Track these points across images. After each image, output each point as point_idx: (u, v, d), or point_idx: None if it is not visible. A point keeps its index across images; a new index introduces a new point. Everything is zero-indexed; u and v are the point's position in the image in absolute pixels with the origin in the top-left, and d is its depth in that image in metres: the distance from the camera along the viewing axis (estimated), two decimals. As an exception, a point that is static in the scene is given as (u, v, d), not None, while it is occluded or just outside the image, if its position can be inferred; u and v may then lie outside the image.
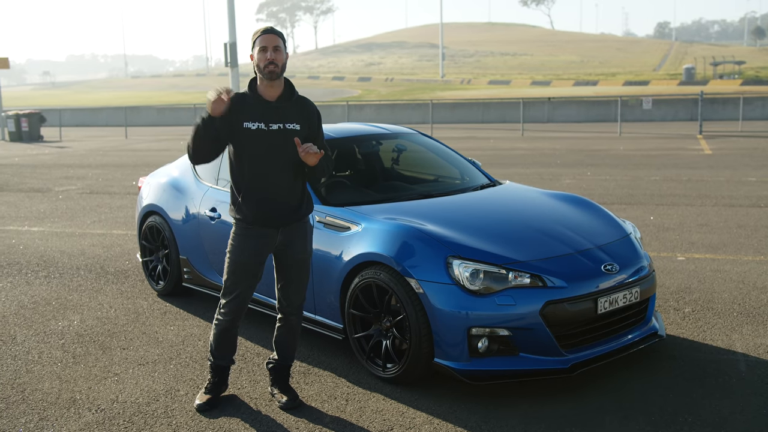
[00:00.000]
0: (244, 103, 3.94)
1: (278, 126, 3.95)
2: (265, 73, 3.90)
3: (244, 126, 3.90)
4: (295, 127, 3.99)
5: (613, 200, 10.78)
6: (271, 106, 3.96)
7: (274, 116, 3.95)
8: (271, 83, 3.95)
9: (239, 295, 4.08)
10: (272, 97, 3.98)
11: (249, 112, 3.92)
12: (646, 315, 4.69)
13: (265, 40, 3.91)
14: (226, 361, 4.26)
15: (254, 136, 3.91)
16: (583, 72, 79.74)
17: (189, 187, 6.05)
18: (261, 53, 3.90)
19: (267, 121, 3.93)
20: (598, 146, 19.74)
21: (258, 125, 3.91)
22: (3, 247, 8.59)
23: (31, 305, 6.24)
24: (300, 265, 4.17)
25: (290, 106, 4.02)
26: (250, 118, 3.91)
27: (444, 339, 4.17)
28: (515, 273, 4.21)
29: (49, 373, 4.75)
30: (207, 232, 5.72)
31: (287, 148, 3.95)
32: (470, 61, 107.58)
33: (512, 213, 5.03)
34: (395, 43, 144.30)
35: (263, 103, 3.96)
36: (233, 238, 4.06)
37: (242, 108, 3.92)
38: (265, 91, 3.98)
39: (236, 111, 3.89)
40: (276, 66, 3.89)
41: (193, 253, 5.94)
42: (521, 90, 57.59)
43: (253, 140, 3.92)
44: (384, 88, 72.01)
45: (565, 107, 31.76)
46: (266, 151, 3.94)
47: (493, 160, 16.83)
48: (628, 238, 4.86)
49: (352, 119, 33.30)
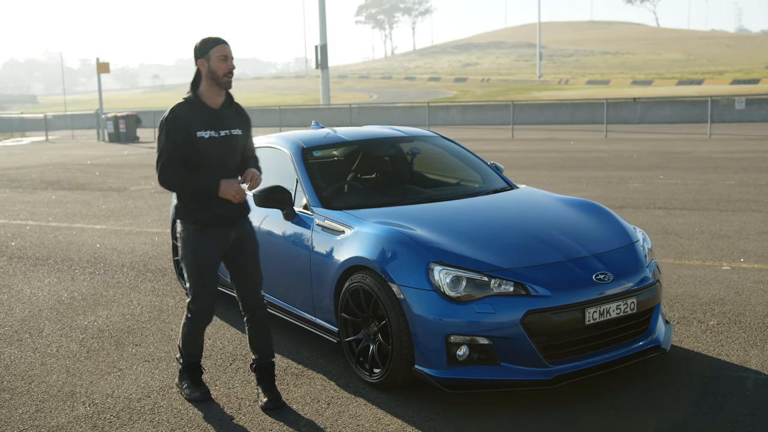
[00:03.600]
0: (193, 112, 4.03)
1: (225, 132, 4.08)
2: (224, 81, 4.03)
3: (197, 135, 3.99)
4: (238, 132, 4.14)
5: (676, 205, 10.35)
6: (216, 114, 4.08)
7: (221, 123, 4.07)
8: (219, 91, 4.07)
9: (208, 297, 4.21)
10: (217, 104, 4.10)
11: (199, 121, 4.02)
12: (648, 326, 4.48)
13: (225, 50, 4.03)
14: (196, 358, 4.41)
15: (207, 144, 4.02)
16: (688, 71, 76.81)
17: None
18: (222, 62, 4.01)
19: (216, 128, 4.05)
20: (682, 148, 18.98)
21: (210, 133, 4.03)
22: (63, 244, 9.03)
23: (68, 300, 6.53)
24: (254, 257, 4.30)
25: (232, 113, 4.16)
26: (201, 127, 4.01)
27: (424, 345, 4.12)
28: (498, 280, 4.11)
29: (60, 367, 4.96)
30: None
31: (235, 152, 4.13)
32: (569, 60, 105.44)
33: (512, 218, 4.90)
34: (493, 43, 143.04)
35: (210, 110, 4.07)
36: (190, 245, 4.13)
37: (193, 118, 4.01)
38: (210, 99, 4.08)
39: (188, 121, 3.99)
40: (233, 75, 4.06)
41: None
42: (620, 90, 56.06)
43: (207, 148, 4.02)
44: (479, 89, 71.53)
45: (657, 108, 30.68)
46: (218, 156, 4.05)
47: (566, 162, 16.46)
48: (632, 247, 4.65)
49: (438, 122, 33.24)
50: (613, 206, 10.35)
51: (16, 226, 10.49)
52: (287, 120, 36.31)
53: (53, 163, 21.18)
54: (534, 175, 14.43)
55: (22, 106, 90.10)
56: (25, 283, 7.17)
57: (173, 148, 3.98)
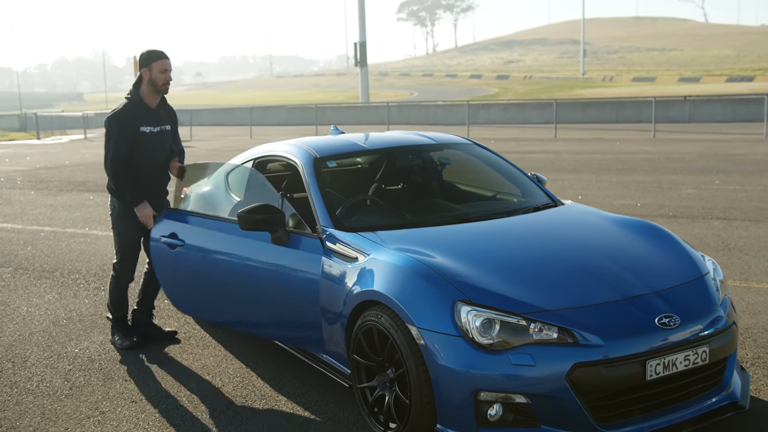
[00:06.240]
0: (138, 110, 5.00)
1: (159, 128, 5.10)
2: (163, 89, 5.03)
3: (140, 130, 5.00)
4: (168, 128, 5.20)
5: (736, 215, 9.44)
6: (153, 112, 5.08)
7: (157, 120, 5.09)
8: (156, 95, 5.07)
9: (131, 260, 5.26)
10: (154, 104, 5.10)
11: (142, 118, 5.00)
12: (722, 379, 3.71)
13: (165, 64, 5.01)
14: (123, 313, 5.32)
15: (148, 137, 5.03)
16: (738, 67, 74.44)
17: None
18: (162, 74, 4.99)
19: (154, 124, 5.06)
20: (737, 150, 17.89)
21: (150, 129, 5.03)
22: (74, 253, 8.50)
23: (64, 321, 5.95)
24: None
25: (164, 112, 5.17)
26: (144, 122, 5.00)
27: (448, 402, 3.41)
28: (539, 325, 3.37)
29: (35, 408, 4.35)
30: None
31: (165, 145, 5.17)
32: (614, 57, 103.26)
33: (556, 245, 4.10)
34: (536, 40, 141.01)
35: (149, 109, 5.06)
36: (123, 221, 5.12)
37: (138, 115, 4.99)
38: (149, 100, 5.08)
39: (134, 119, 4.97)
40: (169, 84, 5.06)
41: None
42: (667, 87, 54.49)
43: (148, 141, 5.02)
44: (522, 87, 70.26)
45: (707, 106, 29.38)
46: (153, 147, 5.06)
47: (612, 165, 15.53)
48: (702, 280, 3.86)
49: (479, 120, 32.40)
50: (666, 216, 9.49)
51: (30, 232, 10.01)
52: (325, 118, 35.77)
53: (85, 162, 20.87)
54: (578, 178, 13.57)
55: (69, 104, 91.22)
56: (24, 300, 6.62)
57: (119, 141, 4.93)
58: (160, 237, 5.09)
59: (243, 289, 4.57)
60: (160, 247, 5.09)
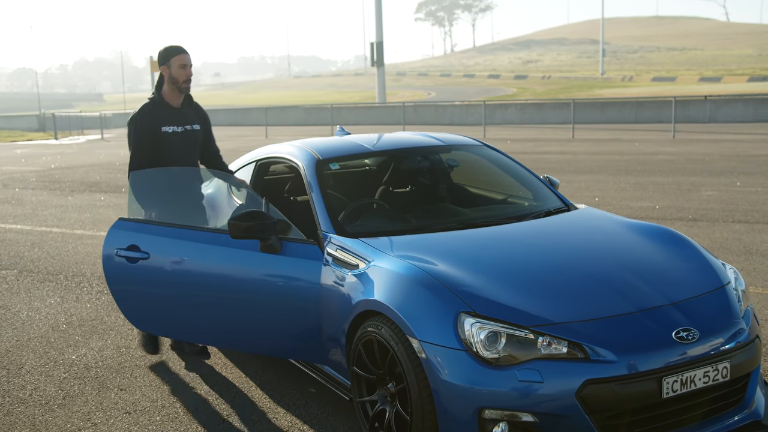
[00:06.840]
0: (158, 110, 4.74)
1: (184, 128, 4.81)
2: (184, 87, 4.76)
3: (162, 130, 4.73)
4: (197, 127, 4.90)
5: (758, 218, 9.15)
6: (176, 111, 4.81)
7: (182, 119, 4.81)
8: (179, 93, 4.78)
9: None
10: (178, 103, 4.83)
11: (164, 118, 4.73)
12: (744, 396, 3.48)
13: (184, 59, 4.74)
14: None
15: (171, 137, 4.75)
16: (761, 66, 73.47)
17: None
18: (182, 69, 4.73)
19: (177, 124, 4.78)
20: (759, 151, 17.52)
21: (173, 128, 4.76)
22: (80, 256, 8.38)
23: (64, 326, 5.82)
24: None
25: (191, 111, 4.90)
26: (166, 122, 4.73)
27: (451, 419, 3.21)
28: (547, 338, 3.17)
29: (25, 419, 4.20)
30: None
31: (195, 145, 4.88)
32: (633, 57, 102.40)
33: (567, 253, 3.87)
34: (554, 40, 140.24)
35: (172, 109, 4.79)
36: None
37: (159, 115, 4.72)
38: (172, 99, 4.80)
39: (154, 120, 4.69)
40: (190, 81, 4.80)
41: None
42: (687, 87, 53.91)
43: (172, 141, 4.74)
44: (540, 87, 69.83)
45: (729, 106, 28.91)
46: (180, 148, 4.76)
47: (630, 166, 15.24)
48: (722, 291, 3.64)
49: (495, 120, 32.13)
50: (686, 219, 9.23)
51: (39, 234, 9.92)
52: (341, 118, 35.65)
53: (100, 163, 20.85)
54: (596, 180, 13.31)
55: (89, 105, 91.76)
56: (25, 304, 6.50)
57: (139, 142, 4.68)
58: (116, 251, 4.37)
59: (229, 302, 4.18)
60: (117, 263, 4.36)
